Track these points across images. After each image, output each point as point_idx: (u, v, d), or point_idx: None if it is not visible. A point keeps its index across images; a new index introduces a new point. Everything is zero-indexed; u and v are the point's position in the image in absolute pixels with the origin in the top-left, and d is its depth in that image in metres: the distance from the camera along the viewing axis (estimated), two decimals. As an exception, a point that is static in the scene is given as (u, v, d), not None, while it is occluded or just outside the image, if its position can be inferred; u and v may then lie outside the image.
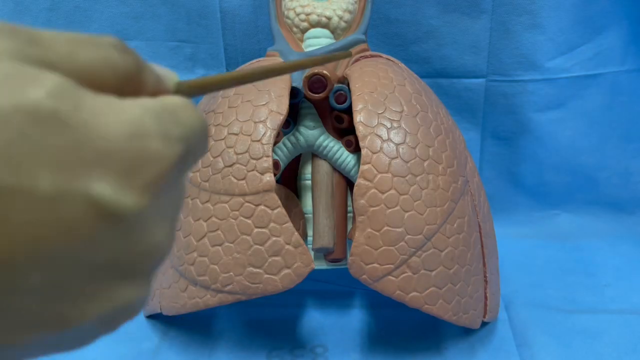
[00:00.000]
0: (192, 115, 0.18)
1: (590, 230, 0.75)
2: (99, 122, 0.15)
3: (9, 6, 0.70)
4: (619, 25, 0.69)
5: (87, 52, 0.16)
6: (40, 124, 0.14)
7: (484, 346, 0.55)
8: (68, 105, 0.14)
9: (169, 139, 0.16)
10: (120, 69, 0.17)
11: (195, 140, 0.18)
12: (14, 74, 0.14)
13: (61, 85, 0.15)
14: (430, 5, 0.68)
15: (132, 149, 0.15)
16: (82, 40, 0.17)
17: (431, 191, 0.48)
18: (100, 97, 0.15)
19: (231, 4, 0.69)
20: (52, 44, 0.16)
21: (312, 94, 0.51)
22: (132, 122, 0.15)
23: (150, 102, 0.17)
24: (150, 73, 0.18)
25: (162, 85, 0.19)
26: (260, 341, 0.56)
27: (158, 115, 0.16)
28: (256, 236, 0.47)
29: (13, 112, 0.14)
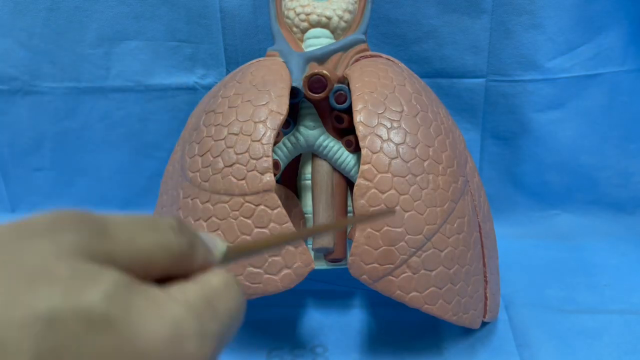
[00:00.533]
0: (231, 299, 0.19)
1: (590, 230, 0.75)
2: (143, 323, 0.16)
3: (9, 6, 0.70)
4: (619, 25, 0.69)
5: (146, 237, 0.18)
6: (92, 327, 0.15)
7: (484, 346, 0.55)
8: (119, 307, 0.15)
9: (206, 337, 0.17)
10: (174, 252, 0.18)
11: (231, 325, 0.19)
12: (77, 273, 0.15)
13: (116, 286, 0.16)
14: (430, 5, 0.68)
15: (169, 351, 0.16)
16: (142, 225, 0.18)
17: (431, 191, 0.48)
18: (147, 293, 0.16)
19: (231, 4, 0.69)
20: (115, 232, 0.17)
21: (312, 94, 0.51)
22: (172, 323, 0.16)
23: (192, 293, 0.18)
24: (201, 249, 0.20)
25: (211, 258, 0.20)
26: (260, 341, 0.56)
27: (198, 313, 0.17)
28: (256, 236, 0.47)
29: (70, 315, 0.15)
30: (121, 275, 0.16)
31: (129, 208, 0.81)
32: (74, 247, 0.16)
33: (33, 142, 0.79)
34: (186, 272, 0.19)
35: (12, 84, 0.75)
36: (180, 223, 0.19)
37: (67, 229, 0.16)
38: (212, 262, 0.20)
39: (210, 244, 0.21)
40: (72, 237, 0.16)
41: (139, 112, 0.76)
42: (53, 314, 0.14)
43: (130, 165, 0.79)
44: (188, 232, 0.19)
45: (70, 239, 0.16)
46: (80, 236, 0.16)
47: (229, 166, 0.48)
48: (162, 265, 0.18)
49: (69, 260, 0.15)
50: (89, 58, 0.73)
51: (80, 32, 0.72)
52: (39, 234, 0.16)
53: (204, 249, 0.20)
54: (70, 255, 0.16)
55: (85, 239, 0.16)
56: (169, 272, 0.18)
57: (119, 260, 0.17)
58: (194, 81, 0.74)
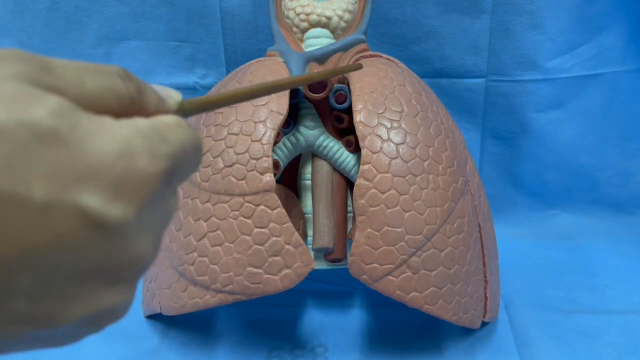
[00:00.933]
0: (182, 134, 0.19)
1: (590, 230, 0.75)
2: (93, 140, 0.16)
3: (8, 6, 0.70)
4: (619, 25, 0.69)
5: (92, 80, 0.18)
6: (40, 139, 0.15)
7: (484, 346, 0.55)
8: (66, 124, 0.16)
9: (156, 156, 0.18)
10: (123, 95, 0.19)
11: (184, 157, 0.19)
12: (21, 93, 0.16)
13: (62, 106, 0.16)
14: (430, 5, 0.68)
15: (120, 165, 0.17)
16: (89, 69, 0.18)
17: (431, 191, 0.48)
18: (96, 117, 0.17)
19: (231, 4, 0.69)
20: (61, 71, 0.17)
21: (312, 94, 0.51)
22: (122, 141, 0.17)
23: (142, 122, 0.18)
24: (152, 97, 0.20)
25: (163, 106, 0.21)
26: (260, 341, 0.56)
27: (147, 135, 0.18)
28: (256, 236, 0.47)
29: (17, 126, 0.15)
30: (67, 100, 0.16)
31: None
32: (19, 74, 0.16)
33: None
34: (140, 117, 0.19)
35: (12, 84, 0.75)
36: (126, 71, 0.19)
37: (13, 59, 0.17)
38: (166, 111, 0.20)
39: (165, 94, 0.21)
40: (17, 66, 0.16)
41: (138, 112, 0.76)
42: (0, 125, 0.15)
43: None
44: (135, 79, 0.19)
45: (16, 67, 0.16)
46: (25, 67, 0.16)
47: (229, 166, 0.48)
48: (111, 108, 0.18)
49: (13, 82, 0.16)
50: (89, 58, 0.73)
51: (80, 32, 0.72)
52: None
53: (155, 97, 0.20)
54: (16, 79, 0.16)
55: (31, 70, 0.16)
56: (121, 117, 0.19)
57: (66, 96, 0.17)
58: (194, 81, 0.74)
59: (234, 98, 0.23)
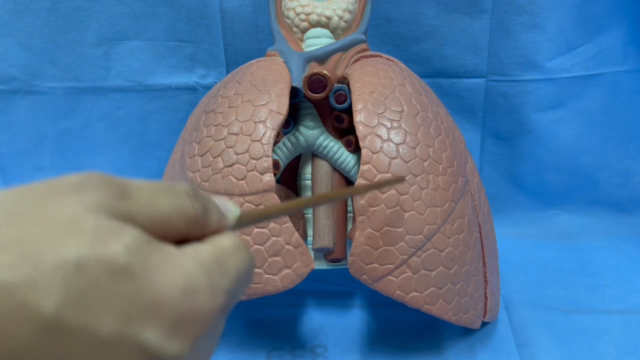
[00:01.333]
0: (240, 260, 0.21)
1: (590, 230, 0.75)
2: (159, 275, 0.17)
3: (8, 6, 0.70)
4: (619, 25, 0.69)
5: (164, 201, 0.19)
6: (114, 275, 0.16)
7: (484, 346, 0.55)
8: (139, 259, 0.17)
9: (216, 292, 0.19)
10: (190, 215, 0.20)
11: (239, 285, 0.21)
12: (102, 227, 0.17)
13: (136, 241, 0.17)
14: (430, 5, 0.68)
15: (182, 302, 0.18)
16: (161, 190, 0.20)
17: (431, 191, 0.48)
18: (164, 250, 0.18)
19: (231, 4, 0.69)
20: (136, 194, 0.19)
21: (312, 93, 0.51)
22: (185, 277, 0.18)
23: (204, 252, 0.19)
24: (215, 213, 0.21)
25: (224, 221, 0.22)
26: (260, 341, 0.56)
27: (208, 269, 0.19)
28: (256, 236, 0.47)
29: (95, 263, 0.16)
30: (141, 232, 0.18)
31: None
32: (99, 204, 0.17)
33: (33, 142, 0.79)
34: (201, 235, 0.21)
35: (12, 84, 0.75)
36: (195, 189, 0.21)
37: (94, 188, 0.18)
38: (226, 226, 0.22)
39: (224, 208, 0.22)
40: (98, 195, 0.18)
41: (139, 112, 0.76)
42: (80, 261, 0.16)
43: (130, 165, 0.79)
44: (202, 198, 0.21)
45: (96, 197, 0.18)
46: (105, 195, 0.18)
47: (229, 166, 0.48)
48: (178, 228, 0.20)
49: (95, 214, 0.17)
50: (89, 58, 0.73)
51: (80, 32, 0.72)
52: (69, 191, 0.18)
53: (217, 214, 0.21)
54: (96, 211, 0.17)
55: (109, 198, 0.18)
56: (184, 235, 0.20)
57: (139, 220, 0.18)
58: (194, 81, 0.74)
59: (288, 210, 0.25)
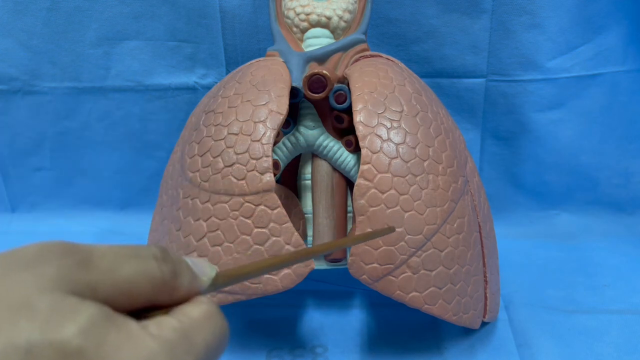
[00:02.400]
0: (209, 330, 0.20)
1: (590, 230, 0.75)
2: (117, 357, 0.16)
3: (8, 6, 0.70)
4: (619, 25, 0.69)
5: (128, 267, 0.18)
6: (67, 359, 0.16)
7: (484, 346, 0.55)
8: (93, 342, 0.16)
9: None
10: (157, 279, 0.19)
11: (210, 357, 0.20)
12: (56, 307, 0.16)
13: (92, 321, 0.16)
14: (430, 5, 0.68)
15: None
16: (125, 254, 0.19)
17: (431, 191, 0.48)
18: (124, 327, 0.17)
19: (231, 4, 0.69)
20: (98, 262, 0.18)
21: (312, 94, 0.51)
22: (146, 357, 0.17)
23: (168, 327, 0.18)
24: (185, 277, 0.20)
25: (196, 284, 0.21)
26: (260, 341, 0.56)
27: (171, 348, 0.18)
28: (256, 236, 0.47)
29: (46, 347, 0.15)
30: (99, 309, 0.17)
31: (128, 208, 0.81)
32: (55, 280, 0.17)
33: (33, 142, 0.79)
34: (170, 299, 0.20)
35: (12, 84, 0.75)
36: (163, 251, 0.20)
37: (50, 261, 0.17)
38: (198, 289, 0.21)
39: (198, 269, 0.21)
40: (55, 270, 0.17)
41: (139, 112, 0.76)
42: (31, 346, 0.15)
43: (130, 165, 0.79)
44: (171, 260, 0.20)
45: (53, 272, 0.17)
46: (63, 269, 0.17)
47: (228, 166, 0.48)
48: (145, 293, 0.19)
49: (49, 293, 0.16)
50: (89, 58, 0.73)
51: (80, 32, 0.72)
52: (23, 267, 0.17)
53: (189, 276, 0.20)
54: (52, 288, 0.16)
55: (67, 271, 0.17)
56: (152, 300, 0.19)
57: (101, 291, 0.17)
58: (194, 81, 0.74)
59: (266, 268, 0.23)
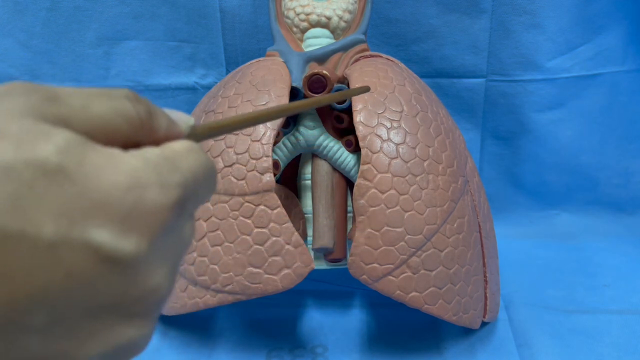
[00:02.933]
0: (193, 160, 0.19)
1: (590, 230, 0.75)
2: (100, 174, 0.16)
3: (8, 6, 0.70)
4: (619, 25, 0.69)
5: (99, 104, 0.18)
6: (47, 177, 0.15)
7: (484, 346, 0.55)
8: (73, 160, 0.16)
9: (166, 187, 0.17)
10: (133, 118, 0.18)
11: (196, 184, 0.19)
12: (28, 130, 0.16)
13: (69, 141, 0.16)
14: (430, 5, 0.68)
15: (129, 198, 0.16)
16: (96, 94, 0.18)
17: (431, 191, 0.48)
18: (104, 150, 0.17)
19: (231, 4, 0.69)
20: (67, 99, 0.17)
21: (312, 93, 0.51)
22: (130, 173, 0.17)
23: (151, 152, 0.18)
24: (163, 119, 0.20)
25: (175, 130, 0.20)
26: (260, 341, 0.56)
27: (156, 165, 0.18)
28: (256, 236, 0.47)
29: (23, 165, 0.15)
30: (74, 134, 0.16)
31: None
32: (25, 109, 0.16)
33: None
34: (151, 141, 0.19)
35: (12, 84, 0.75)
36: (135, 94, 0.19)
37: (17, 94, 0.16)
38: (178, 134, 0.20)
39: (176, 117, 0.21)
40: (23, 100, 0.16)
41: (138, 112, 0.76)
42: (7, 165, 0.15)
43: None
44: (145, 101, 0.19)
45: (21, 102, 0.16)
46: (32, 100, 0.16)
47: (228, 166, 0.48)
48: (121, 131, 0.18)
49: (20, 119, 0.16)
50: (89, 58, 0.73)
51: (80, 32, 0.72)
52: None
53: (165, 120, 0.20)
54: (22, 115, 0.16)
55: (36, 102, 0.16)
56: (132, 140, 0.18)
57: (74, 125, 0.17)
58: (194, 81, 0.74)
59: (246, 122, 0.23)
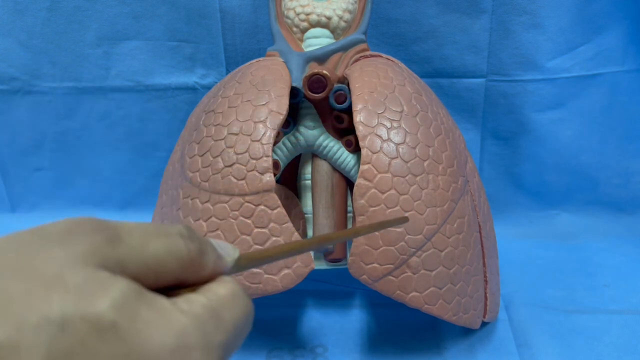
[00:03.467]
0: (236, 309, 0.20)
1: (590, 230, 0.75)
2: (149, 332, 0.16)
3: (8, 6, 0.70)
4: (619, 25, 0.69)
5: (157, 244, 0.18)
6: (100, 334, 0.16)
7: (484, 346, 0.55)
8: (126, 316, 0.16)
9: (210, 348, 0.18)
10: (184, 257, 0.19)
11: (237, 335, 0.19)
12: (88, 280, 0.16)
13: (124, 294, 0.16)
14: (430, 5, 0.68)
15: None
16: (153, 232, 0.19)
17: (431, 191, 0.48)
18: (155, 302, 0.17)
19: (231, 4, 0.69)
20: (127, 238, 0.18)
21: (312, 93, 0.51)
22: (177, 334, 0.17)
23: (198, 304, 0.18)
24: (212, 254, 0.20)
25: (221, 264, 0.21)
26: (260, 341, 0.56)
27: (202, 323, 0.18)
28: (256, 236, 0.47)
29: (80, 321, 0.15)
30: (130, 284, 0.17)
31: (129, 208, 0.81)
32: (87, 255, 0.17)
33: (33, 142, 0.79)
34: (197, 278, 0.20)
35: (12, 84, 0.75)
36: (190, 230, 0.20)
37: (82, 236, 0.17)
38: (223, 268, 0.21)
39: (222, 250, 0.21)
40: (86, 245, 0.17)
41: (139, 112, 0.76)
42: (65, 319, 0.15)
43: (130, 165, 0.79)
44: (198, 239, 0.20)
45: (84, 247, 0.17)
46: (94, 244, 0.17)
47: (228, 166, 0.48)
48: (172, 271, 0.19)
49: (81, 268, 0.16)
50: (89, 58, 0.73)
51: (80, 32, 0.72)
52: (55, 242, 0.17)
53: (214, 256, 0.20)
54: (83, 263, 0.16)
55: (98, 246, 0.17)
56: (179, 279, 0.19)
57: (130, 267, 0.17)
58: (194, 81, 0.74)
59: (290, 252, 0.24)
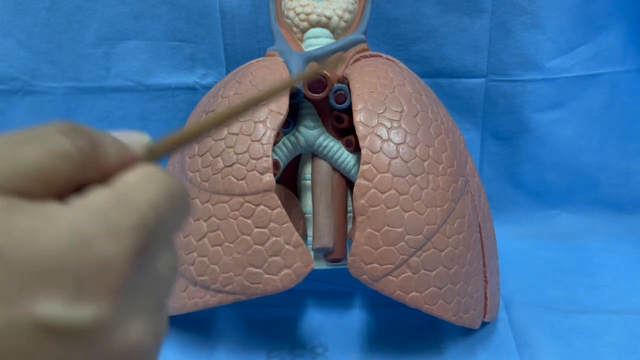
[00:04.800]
0: (153, 188, 0.17)
1: (590, 230, 0.75)
2: (34, 240, 0.14)
3: (8, 6, 0.70)
4: (619, 25, 0.69)
5: (27, 151, 0.16)
6: None
7: (484, 346, 0.55)
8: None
9: (116, 234, 0.15)
10: (72, 155, 0.16)
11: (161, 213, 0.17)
12: None
13: None
14: (430, 5, 0.68)
15: (74, 258, 0.14)
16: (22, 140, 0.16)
17: (431, 191, 0.48)
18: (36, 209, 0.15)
19: (231, 4, 0.69)
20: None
21: (312, 94, 0.51)
22: (70, 230, 0.15)
23: (96, 196, 0.16)
24: (111, 146, 0.17)
25: (129, 155, 0.18)
26: (260, 341, 0.56)
27: (103, 211, 0.15)
28: (256, 236, 0.47)
29: None
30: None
31: (129, 208, 0.81)
32: None
33: (33, 142, 0.79)
34: (101, 173, 0.17)
35: (12, 84, 0.75)
36: (74, 125, 0.17)
37: None
38: (132, 158, 0.18)
39: (127, 139, 0.18)
40: None
41: (139, 112, 0.76)
42: None
43: (130, 165, 0.79)
44: (86, 132, 0.17)
45: None
46: None
47: (228, 166, 0.48)
48: (63, 173, 0.16)
49: None
50: (89, 58, 0.73)
51: (80, 32, 0.72)
52: None
53: (115, 146, 0.18)
54: None
55: None
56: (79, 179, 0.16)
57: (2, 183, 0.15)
58: (194, 81, 0.74)
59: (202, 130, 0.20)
